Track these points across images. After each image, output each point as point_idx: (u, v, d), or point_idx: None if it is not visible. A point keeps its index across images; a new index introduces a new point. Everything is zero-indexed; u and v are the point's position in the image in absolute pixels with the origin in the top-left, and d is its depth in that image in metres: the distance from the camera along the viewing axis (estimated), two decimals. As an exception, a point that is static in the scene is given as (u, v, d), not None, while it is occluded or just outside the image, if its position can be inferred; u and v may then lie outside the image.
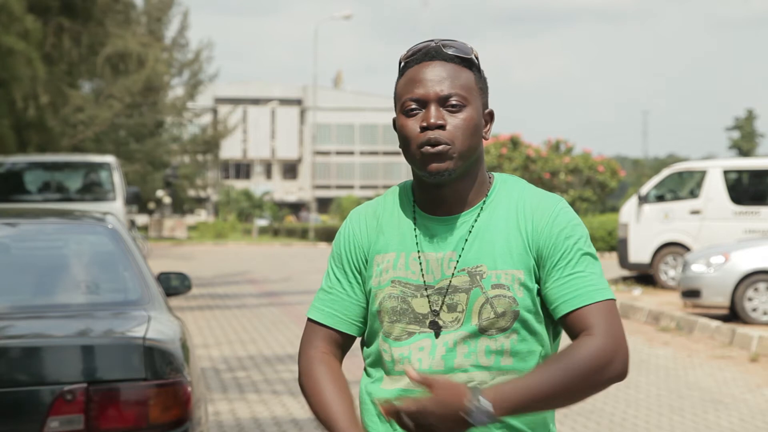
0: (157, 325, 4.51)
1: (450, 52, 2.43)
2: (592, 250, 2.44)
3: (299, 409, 8.66)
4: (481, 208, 2.46)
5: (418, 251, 2.44)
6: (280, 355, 11.70)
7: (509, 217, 2.44)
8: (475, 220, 2.44)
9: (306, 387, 2.50)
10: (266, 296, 19.22)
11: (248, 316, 15.86)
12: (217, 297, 18.94)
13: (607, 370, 2.32)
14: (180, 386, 4.24)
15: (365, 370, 2.55)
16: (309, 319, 2.56)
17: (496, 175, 2.53)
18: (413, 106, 2.41)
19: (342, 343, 2.54)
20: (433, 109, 2.39)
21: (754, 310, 14.10)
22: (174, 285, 6.06)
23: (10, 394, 4.11)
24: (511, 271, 2.40)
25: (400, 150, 2.50)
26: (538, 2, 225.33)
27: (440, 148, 2.38)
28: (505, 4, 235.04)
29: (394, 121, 2.50)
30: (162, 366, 4.21)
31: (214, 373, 10.46)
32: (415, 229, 2.46)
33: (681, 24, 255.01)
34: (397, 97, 2.46)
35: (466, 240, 2.43)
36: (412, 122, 2.41)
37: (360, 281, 2.52)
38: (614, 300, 2.41)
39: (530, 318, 2.42)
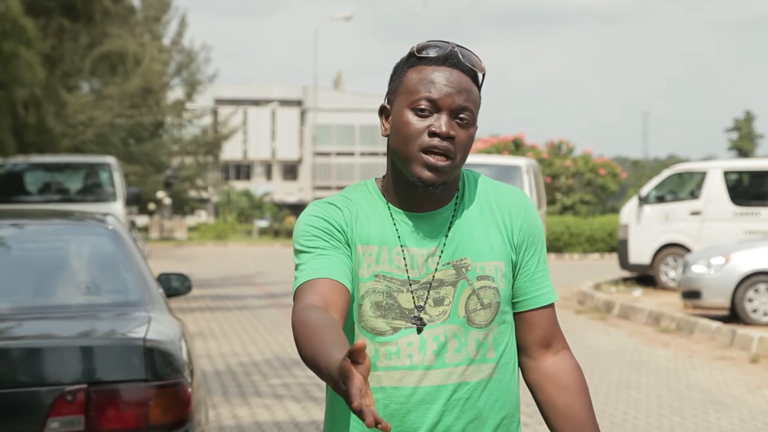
0: (157, 326, 4.51)
1: (469, 64, 2.43)
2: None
3: (301, 412, 8.66)
4: (455, 203, 2.48)
5: (402, 245, 2.43)
6: (281, 357, 11.69)
7: (483, 211, 2.49)
8: (453, 215, 2.46)
9: (296, 332, 2.23)
10: (267, 297, 19.21)
11: (249, 317, 15.86)
12: (218, 298, 18.92)
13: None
14: (180, 387, 4.24)
15: None
16: (297, 289, 2.35)
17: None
18: (424, 106, 2.39)
19: (339, 297, 2.31)
20: (446, 118, 2.38)
21: (755, 311, 14.10)
22: (174, 286, 6.05)
23: (11, 394, 4.11)
24: (493, 263, 2.45)
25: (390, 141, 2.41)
26: (537, 3, 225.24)
27: (448, 164, 2.37)
28: (504, 5, 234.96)
29: (385, 108, 2.47)
30: (162, 367, 4.21)
31: (215, 375, 10.46)
32: (394, 225, 2.45)
33: (681, 25, 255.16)
34: (406, 90, 2.41)
35: (446, 235, 2.44)
36: (420, 122, 2.39)
37: (347, 251, 2.41)
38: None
39: (507, 309, 2.48)
